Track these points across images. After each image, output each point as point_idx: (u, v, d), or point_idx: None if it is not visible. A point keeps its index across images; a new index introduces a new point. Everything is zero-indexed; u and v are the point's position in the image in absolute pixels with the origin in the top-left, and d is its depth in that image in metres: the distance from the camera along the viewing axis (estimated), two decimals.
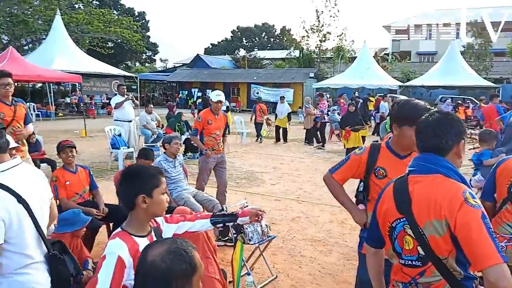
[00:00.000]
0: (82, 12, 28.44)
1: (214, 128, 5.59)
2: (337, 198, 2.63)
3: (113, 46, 36.13)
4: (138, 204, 1.88)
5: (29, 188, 2.13)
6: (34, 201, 2.12)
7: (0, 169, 2.10)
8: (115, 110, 9.54)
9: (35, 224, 2.12)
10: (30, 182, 2.18)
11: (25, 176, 2.18)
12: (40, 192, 2.21)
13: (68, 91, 28.15)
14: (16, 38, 28.94)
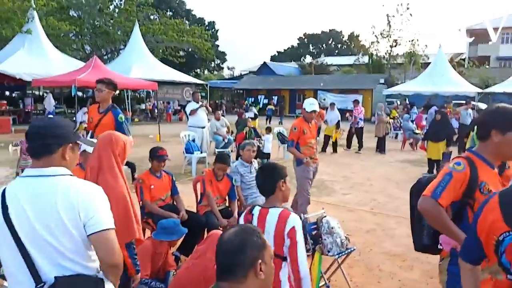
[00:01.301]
0: (158, 22, 29.93)
1: (309, 137, 5.47)
2: (446, 229, 2.14)
3: (184, 55, 37.66)
4: (279, 187, 2.49)
5: (35, 205, 1.77)
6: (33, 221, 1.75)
7: (24, 174, 1.89)
8: (190, 116, 9.87)
9: (20, 249, 1.76)
10: (46, 200, 1.77)
11: (43, 191, 1.78)
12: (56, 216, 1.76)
13: (143, 98, 29.69)
14: (98, 48, 31.19)
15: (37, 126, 1.87)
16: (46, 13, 23.68)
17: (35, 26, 19.84)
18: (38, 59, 18.48)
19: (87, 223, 1.78)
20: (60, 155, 1.86)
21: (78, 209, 1.77)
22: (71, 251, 1.80)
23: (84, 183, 1.89)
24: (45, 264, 1.79)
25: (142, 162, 10.18)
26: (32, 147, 1.85)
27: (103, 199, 1.88)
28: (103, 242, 1.80)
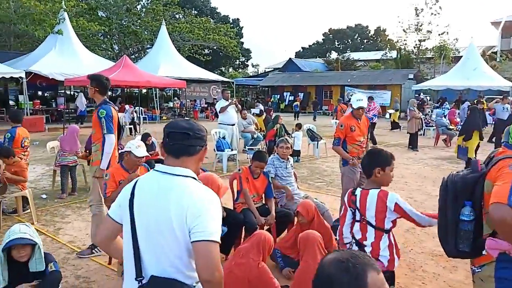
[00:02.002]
0: (184, 21, 30.17)
1: (357, 134, 5.10)
2: None
3: (209, 53, 37.84)
4: (375, 173, 2.79)
5: (154, 200, 1.81)
6: (148, 215, 1.81)
7: (157, 168, 1.91)
8: (220, 114, 9.87)
9: (133, 238, 1.83)
10: (164, 197, 1.79)
11: (165, 188, 1.81)
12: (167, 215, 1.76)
13: (170, 96, 30.00)
14: (126, 48, 31.69)
15: (182, 126, 1.86)
16: (76, 14, 24.20)
17: (66, 27, 20.29)
18: (69, 59, 18.90)
19: (192, 229, 1.72)
20: (198, 157, 1.90)
21: (186, 212, 1.72)
22: (174, 254, 1.77)
23: (203, 189, 1.83)
24: (148, 259, 1.80)
25: None
26: (173, 145, 1.85)
27: (216, 210, 1.80)
28: (204, 253, 1.70)
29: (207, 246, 1.70)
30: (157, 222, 1.77)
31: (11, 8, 21.39)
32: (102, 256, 4.31)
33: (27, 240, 2.77)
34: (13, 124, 5.86)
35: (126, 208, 1.86)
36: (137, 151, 3.99)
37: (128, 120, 15.98)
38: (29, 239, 2.78)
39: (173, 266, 1.78)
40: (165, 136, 1.89)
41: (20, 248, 2.77)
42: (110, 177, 3.98)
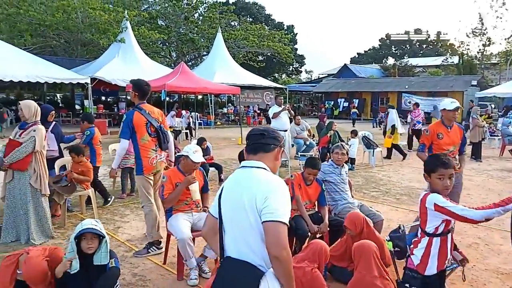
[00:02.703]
0: (239, 28, 30.70)
1: (445, 143, 4.73)
2: None
3: (263, 59, 38.19)
4: (426, 177, 2.89)
5: (234, 189, 2.07)
6: (229, 202, 2.06)
7: (241, 165, 2.18)
8: (273, 119, 9.89)
9: (219, 225, 2.12)
10: (240, 186, 2.03)
11: (241, 178, 2.07)
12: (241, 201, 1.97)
13: (225, 102, 30.56)
14: (183, 55, 32.74)
15: (260, 129, 2.18)
16: (138, 23, 25.38)
17: (128, 36, 21.34)
18: (130, 66, 19.83)
19: (262, 210, 1.89)
20: (273, 155, 2.13)
21: (255, 196, 1.92)
22: (248, 237, 1.96)
23: (269, 175, 2.05)
24: (229, 241, 2.06)
25: (226, 163, 10.44)
26: (252, 144, 2.13)
27: (284, 193, 1.97)
28: (272, 233, 1.85)
29: (276, 226, 1.85)
30: (235, 208, 2.01)
31: (79, 18, 22.84)
32: (158, 256, 4.45)
33: (98, 231, 2.95)
34: (89, 125, 6.37)
35: (216, 200, 2.17)
36: (194, 157, 4.08)
37: (185, 125, 16.46)
38: (100, 231, 2.95)
39: (247, 249, 1.97)
40: (246, 139, 2.20)
41: (89, 239, 2.94)
42: (167, 180, 4.09)
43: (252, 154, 2.11)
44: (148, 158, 4.44)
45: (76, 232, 2.96)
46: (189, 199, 4.15)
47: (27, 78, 15.94)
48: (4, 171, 4.67)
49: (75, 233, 2.96)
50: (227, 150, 13.29)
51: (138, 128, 4.37)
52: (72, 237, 2.96)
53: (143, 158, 4.42)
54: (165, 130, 4.58)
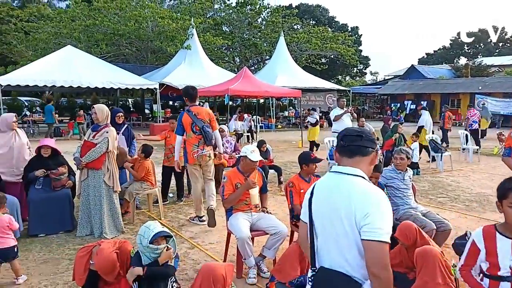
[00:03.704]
0: (302, 31, 30.67)
1: None
2: None
3: (326, 61, 37.75)
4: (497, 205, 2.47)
5: (327, 196, 1.96)
6: (322, 210, 1.97)
7: (332, 169, 2.03)
8: (334, 122, 9.77)
9: (310, 232, 2.02)
10: (335, 194, 1.91)
11: (335, 186, 1.94)
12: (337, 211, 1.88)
13: (286, 106, 30.63)
14: (246, 59, 33.31)
15: (356, 130, 2.03)
16: (203, 30, 26.24)
17: (194, 42, 22.15)
18: (196, 72, 20.57)
19: (362, 227, 1.79)
20: (370, 159, 2.00)
21: (355, 209, 1.81)
22: (344, 248, 1.87)
23: (370, 186, 1.90)
24: (321, 251, 1.98)
25: (286, 166, 10.48)
26: (348, 147, 1.98)
27: (387, 209, 1.83)
28: (375, 252, 1.76)
29: (378, 245, 1.75)
30: (329, 217, 1.91)
31: (149, 27, 24.10)
32: (218, 254, 4.59)
33: (167, 233, 3.12)
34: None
35: (306, 206, 2.07)
36: (252, 156, 4.18)
37: (246, 128, 16.74)
38: (168, 232, 3.12)
39: (342, 260, 1.88)
40: (339, 140, 2.04)
41: (160, 240, 3.09)
42: (227, 180, 4.20)
43: (347, 157, 1.97)
44: (191, 152, 5.43)
45: (149, 237, 3.03)
46: (248, 199, 4.23)
47: (102, 84, 17.13)
48: (81, 170, 5.07)
49: (147, 238, 3.04)
50: (287, 153, 13.32)
51: (185, 127, 5.46)
52: (146, 242, 3.04)
53: (188, 151, 5.49)
54: (207, 129, 5.43)
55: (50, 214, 5.10)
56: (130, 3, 24.92)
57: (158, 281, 3.06)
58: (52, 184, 5.22)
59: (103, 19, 23.42)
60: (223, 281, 2.88)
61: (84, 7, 25.48)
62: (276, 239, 4.01)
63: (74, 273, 3.30)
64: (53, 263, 4.30)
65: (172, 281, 3.17)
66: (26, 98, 28.24)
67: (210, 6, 31.20)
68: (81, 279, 3.19)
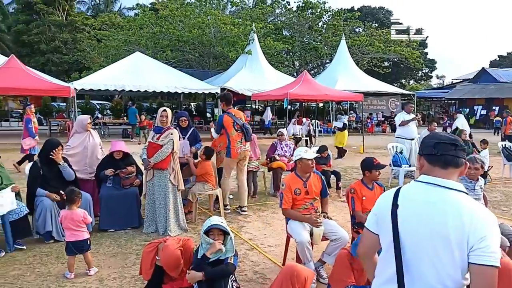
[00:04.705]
0: (364, 34, 30.02)
1: None
2: None
3: (389, 65, 36.58)
4: None
5: (425, 210, 1.77)
6: (418, 225, 1.77)
7: (420, 179, 1.87)
8: (399, 127, 9.47)
9: (395, 250, 1.80)
10: (437, 209, 1.74)
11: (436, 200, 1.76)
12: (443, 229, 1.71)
13: (346, 110, 30.09)
14: (306, 63, 33.16)
15: (449, 137, 1.85)
16: (264, 35, 26.50)
17: (254, 47, 22.44)
18: (256, 76, 20.81)
19: (475, 250, 1.65)
20: (460, 171, 1.83)
21: (468, 230, 1.66)
22: (447, 271, 1.71)
23: (480, 206, 1.75)
24: (414, 273, 1.77)
25: (346, 172, 10.28)
26: (442, 156, 1.81)
27: (498, 232, 1.70)
28: (485, 278, 1.64)
29: (491, 271, 1.63)
30: (429, 235, 1.73)
31: (211, 33, 24.79)
32: (277, 257, 4.60)
33: (224, 227, 3.19)
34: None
35: (386, 219, 1.85)
36: (306, 155, 4.16)
37: (305, 132, 16.64)
38: (225, 228, 3.20)
39: (442, 284, 1.72)
40: (429, 147, 1.84)
41: (216, 235, 3.19)
42: (286, 187, 4.14)
43: (440, 168, 1.79)
44: (235, 148, 6.12)
45: (205, 226, 3.22)
46: (308, 203, 4.20)
47: (167, 88, 17.87)
48: (148, 170, 5.33)
49: (204, 228, 3.23)
50: (348, 158, 13.06)
51: (227, 126, 6.12)
52: (202, 232, 3.24)
53: (231, 147, 6.13)
54: (247, 126, 6.20)
55: (119, 211, 5.41)
56: (194, 11, 25.81)
57: (219, 280, 3.13)
58: (122, 182, 5.54)
59: (169, 26, 24.44)
60: (303, 284, 2.89)
61: (152, 16, 26.78)
62: (336, 245, 3.95)
63: (141, 268, 3.47)
64: (121, 257, 4.55)
65: (232, 280, 3.23)
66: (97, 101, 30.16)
67: (271, 11, 31.48)
68: (148, 274, 3.35)
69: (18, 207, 4.69)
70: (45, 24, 36.96)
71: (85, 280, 3.97)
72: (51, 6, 38.17)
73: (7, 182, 4.79)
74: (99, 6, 49.07)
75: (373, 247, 1.98)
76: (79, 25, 37.06)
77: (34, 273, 4.09)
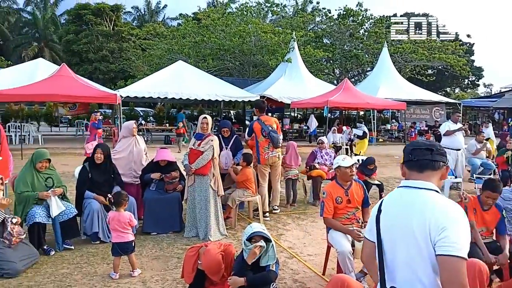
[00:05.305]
0: (408, 41, 29.35)
1: None
2: None
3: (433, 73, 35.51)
4: None
5: (397, 211, 1.90)
6: (392, 225, 1.90)
7: (401, 184, 1.99)
8: (444, 137, 9.17)
9: (378, 250, 1.94)
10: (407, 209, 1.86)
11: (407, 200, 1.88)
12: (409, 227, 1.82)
13: (388, 118, 29.43)
14: (347, 71, 32.78)
15: (425, 143, 1.98)
16: (304, 43, 26.47)
17: (294, 55, 22.43)
18: (295, 84, 20.78)
19: (437, 242, 1.72)
20: (440, 173, 1.94)
21: (429, 224, 1.75)
22: (418, 266, 1.79)
23: (445, 200, 1.84)
24: (392, 268, 1.89)
25: (388, 182, 10.04)
26: (417, 161, 1.93)
27: (464, 223, 1.76)
28: (451, 269, 1.68)
29: (455, 261, 1.67)
30: (400, 233, 1.85)
31: (252, 42, 25.04)
32: (317, 266, 4.56)
33: (266, 234, 3.21)
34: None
35: (373, 223, 2.02)
36: (343, 163, 4.14)
37: (345, 141, 16.41)
38: (267, 235, 3.21)
39: (415, 279, 1.80)
40: (407, 154, 1.98)
41: (257, 241, 3.20)
42: (327, 196, 4.10)
43: (417, 172, 1.91)
44: (263, 153, 6.42)
45: (247, 233, 3.24)
46: (349, 213, 4.14)
47: (208, 96, 18.19)
48: (190, 176, 5.44)
49: (247, 235, 3.25)
50: (390, 168, 12.75)
51: (256, 132, 6.47)
52: (244, 239, 3.26)
53: (260, 152, 6.45)
54: (273, 134, 6.35)
55: (162, 215, 5.54)
56: (235, 20, 26.18)
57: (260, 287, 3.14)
58: (165, 187, 5.68)
59: (211, 35, 24.92)
60: None
61: (194, 25, 27.42)
62: None
63: (183, 271, 3.54)
64: (163, 260, 4.65)
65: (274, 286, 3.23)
66: (140, 108, 31.10)
67: (311, 19, 31.41)
68: (189, 277, 3.41)
69: (67, 208, 4.90)
70: (93, 34, 38.67)
71: (129, 281, 4.08)
72: (99, 17, 39.95)
73: (58, 184, 5.02)
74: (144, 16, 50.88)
75: (372, 253, 2.04)
76: (125, 35, 38.50)
77: (81, 272, 4.25)
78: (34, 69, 17.46)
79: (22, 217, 4.59)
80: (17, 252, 4.19)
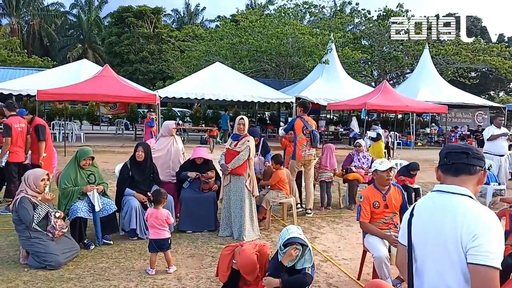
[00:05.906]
0: (450, 43, 28.41)
1: None
2: None
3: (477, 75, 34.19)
4: None
5: (430, 216, 1.86)
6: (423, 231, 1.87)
7: (435, 188, 1.94)
8: (487, 142, 8.82)
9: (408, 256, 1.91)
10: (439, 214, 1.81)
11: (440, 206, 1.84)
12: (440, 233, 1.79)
13: (427, 122, 28.59)
14: (385, 73, 32.11)
15: (461, 146, 1.92)
16: (342, 44, 26.15)
17: (332, 57, 22.21)
18: (332, 86, 20.57)
19: (469, 249, 1.67)
20: (477, 178, 1.88)
21: (461, 229, 1.70)
22: (448, 275, 1.75)
23: (479, 206, 1.77)
24: (421, 274, 1.87)
25: (426, 187, 9.75)
26: (453, 165, 1.88)
27: (498, 231, 1.69)
28: (482, 279, 1.63)
29: (487, 271, 1.62)
30: (432, 239, 1.82)
31: (289, 43, 24.99)
32: (351, 271, 4.49)
33: (303, 240, 3.20)
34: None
35: (405, 228, 1.99)
36: (380, 166, 4.08)
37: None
38: (303, 240, 3.21)
39: (444, 286, 1.76)
40: (442, 157, 1.95)
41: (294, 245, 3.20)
42: (364, 200, 4.05)
43: (452, 176, 1.87)
44: (300, 150, 6.55)
45: (284, 239, 3.21)
46: (387, 218, 4.06)
47: (244, 97, 18.31)
48: (226, 175, 5.50)
49: (283, 240, 3.22)
50: (428, 173, 12.35)
51: (297, 129, 6.59)
52: (280, 243, 3.24)
53: (297, 149, 6.58)
54: (315, 133, 6.55)
55: (197, 213, 5.63)
56: (273, 21, 26.21)
57: None
58: (201, 186, 5.77)
59: (248, 37, 25.07)
60: None
61: (232, 27, 27.68)
62: None
63: (217, 270, 3.58)
64: (198, 258, 4.73)
65: None
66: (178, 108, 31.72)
67: (350, 21, 30.98)
68: (224, 276, 3.45)
69: (107, 204, 5.07)
70: (135, 36, 39.85)
71: (164, 277, 4.17)
72: (140, 19, 41.15)
73: (100, 181, 5.21)
74: (183, 18, 51.91)
75: (405, 258, 1.99)
76: (164, 37, 39.43)
77: (119, 267, 4.39)
78: (78, 70, 18.18)
79: (64, 211, 4.79)
80: (60, 245, 4.37)
